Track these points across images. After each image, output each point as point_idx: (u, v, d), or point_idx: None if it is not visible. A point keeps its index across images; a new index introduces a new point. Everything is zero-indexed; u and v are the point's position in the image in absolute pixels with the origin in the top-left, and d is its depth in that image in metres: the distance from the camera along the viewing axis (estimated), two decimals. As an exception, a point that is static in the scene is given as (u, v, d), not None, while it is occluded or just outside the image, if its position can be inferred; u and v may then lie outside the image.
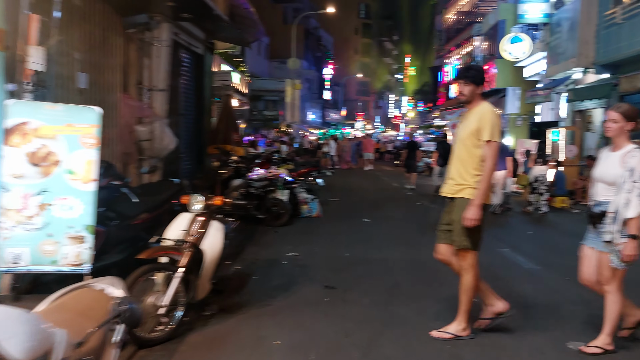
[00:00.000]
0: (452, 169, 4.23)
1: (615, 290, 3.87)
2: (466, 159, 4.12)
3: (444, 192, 4.29)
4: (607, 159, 3.89)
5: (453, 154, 4.25)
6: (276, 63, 44.43)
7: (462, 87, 4.16)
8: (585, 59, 15.60)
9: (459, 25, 30.00)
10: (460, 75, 4.26)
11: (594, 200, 3.92)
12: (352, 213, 10.88)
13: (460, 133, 4.22)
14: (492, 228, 9.39)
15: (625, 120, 3.80)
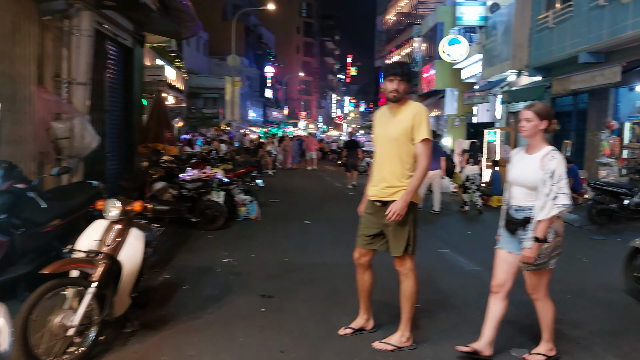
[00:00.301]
0: (384, 170, 3.95)
1: (543, 296, 3.77)
2: (400, 159, 3.90)
3: (374, 196, 4.01)
4: (522, 161, 3.68)
5: (380, 155, 3.99)
6: (216, 60, 43.56)
7: (397, 84, 3.88)
8: (519, 61, 16.04)
9: (399, 27, 30.34)
10: (394, 72, 3.92)
11: (514, 205, 3.70)
12: (293, 215, 10.56)
13: (388, 133, 3.93)
14: (432, 228, 9.37)
15: (539, 119, 3.61)
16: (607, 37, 11.78)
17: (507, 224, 3.75)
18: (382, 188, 3.93)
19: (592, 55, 12.72)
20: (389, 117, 3.98)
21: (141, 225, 4.18)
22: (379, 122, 4.06)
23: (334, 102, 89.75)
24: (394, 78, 3.88)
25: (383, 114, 4.08)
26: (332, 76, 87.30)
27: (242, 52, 44.00)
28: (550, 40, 14.38)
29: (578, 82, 11.76)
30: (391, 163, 3.90)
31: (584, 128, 13.85)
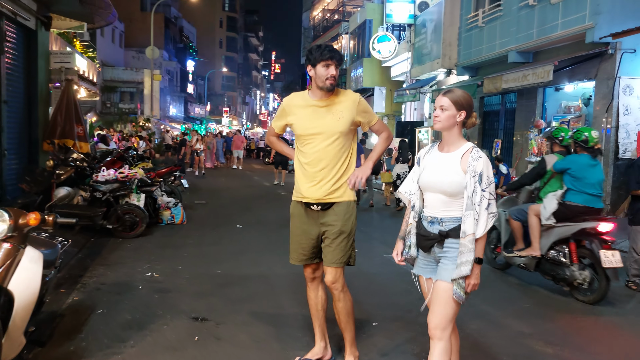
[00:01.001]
0: (323, 169, 3.31)
1: (449, 336, 2.77)
2: (341, 155, 3.34)
3: (316, 199, 3.34)
4: (437, 161, 2.86)
5: (315, 152, 3.33)
6: (133, 52, 41.36)
7: (335, 70, 3.26)
8: (449, 60, 16.09)
9: (326, 24, 29.98)
10: (332, 55, 3.25)
11: (427, 216, 2.87)
12: (223, 218, 9.73)
13: (327, 126, 3.30)
14: (369, 229, 8.90)
15: (456, 108, 2.80)
16: (537, 37, 11.91)
17: (418, 241, 2.91)
18: (324, 188, 3.31)
19: (521, 55, 12.88)
20: (317, 108, 3.33)
21: (40, 241, 3.30)
22: (302, 115, 3.36)
23: (258, 99, 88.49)
24: (332, 62, 3.25)
25: (303, 104, 3.37)
26: (256, 72, 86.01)
27: (161, 44, 41.98)
28: (480, 40, 14.46)
29: (510, 80, 11.81)
30: (332, 160, 3.31)
31: (512, 127, 14.05)
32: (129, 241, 7.20)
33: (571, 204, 5.38)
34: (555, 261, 5.47)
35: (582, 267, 5.27)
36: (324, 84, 3.26)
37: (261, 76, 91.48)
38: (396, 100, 19.20)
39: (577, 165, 5.41)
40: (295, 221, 3.52)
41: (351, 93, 3.40)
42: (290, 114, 3.41)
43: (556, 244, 5.51)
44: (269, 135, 3.80)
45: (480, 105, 15.48)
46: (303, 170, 3.37)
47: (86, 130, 9.43)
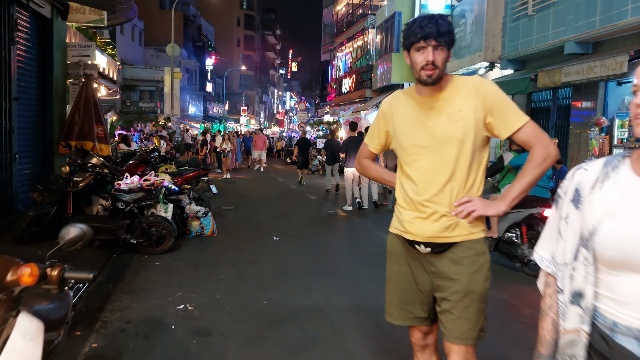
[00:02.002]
0: (433, 192, 2.22)
1: None
2: (462, 172, 2.22)
3: (419, 235, 2.25)
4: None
5: (420, 167, 2.26)
6: (152, 51, 40.86)
7: (433, 53, 2.16)
8: (492, 53, 14.91)
9: (350, 18, 28.87)
10: (427, 32, 2.15)
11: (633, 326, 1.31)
12: (255, 227, 8.73)
13: (438, 132, 2.21)
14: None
15: None
16: (600, 25, 10.71)
17: None
18: (438, 223, 2.21)
19: (580, 46, 11.68)
20: (424, 108, 2.26)
21: (41, 297, 2.31)
22: (405, 119, 2.33)
23: (275, 98, 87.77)
24: (426, 44, 2.18)
25: (406, 105, 2.34)
26: (274, 71, 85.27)
27: (180, 43, 41.28)
28: (529, 30, 13.27)
29: (571, 73, 10.61)
30: (449, 181, 2.21)
31: (566, 125, 12.83)
32: (156, 258, 6.24)
33: None
34: (510, 242, 6.37)
35: (531, 246, 6.05)
36: (419, 76, 2.22)
37: (278, 75, 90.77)
38: (431, 97, 18.04)
39: None
40: (394, 263, 2.44)
41: (476, 82, 2.27)
42: (392, 120, 2.37)
43: (511, 227, 6.38)
44: (361, 157, 2.62)
45: (527, 101, 14.26)
46: (405, 195, 2.30)
47: (107, 131, 8.50)
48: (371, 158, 2.59)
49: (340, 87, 29.28)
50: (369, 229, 8.99)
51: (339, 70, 31.34)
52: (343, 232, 8.70)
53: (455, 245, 2.23)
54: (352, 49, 28.73)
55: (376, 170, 2.63)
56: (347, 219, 10.09)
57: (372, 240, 7.97)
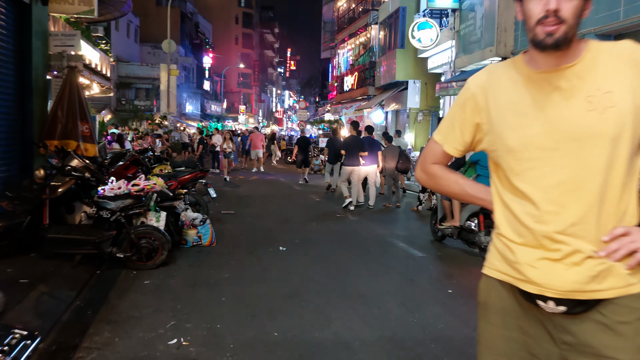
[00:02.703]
0: (578, 225, 1.41)
1: None
2: (615, 190, 1.42)
3: (550, 288, 1.43)
4: None
5: (548, 188, 1.45)
6: (149, 48, 40.11)
7: (557, 0, 1.38)
8: (504, 47, 14.13)
9: (352, 14, 28.07)
10: None
11: None
12: (259, 235, 7.94)
13: (573, 127, 1.42)
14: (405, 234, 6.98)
15: None
16: (624, 17, 9.96)
17: None
18: (583, 267, 1.42)
19: (601, 39, 10.92)
20: (541, 89, 1.47)
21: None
22: (512, 105, 1.51)
23: (274, 96, 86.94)
24: None
25: (514, 83, 1.53)
26: (272, 69, 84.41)
27: (177, 40, 40.50)
28: (545, 23, 12.50)
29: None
30: (592, 199, 1.42)
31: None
32: (147, 275, 5.44)
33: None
34: (470, 230, 6.87)
35: (488, 233, 6.48)
36: (533, 35, 1.43)
37: (277, 73, 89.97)
38: (439, 94, 17.26)
39: (485, 156, 6.22)
40: (495, 323, 1.60)
41: (630, 48, 1.46)
42: (488, 106, 1.55)
43: (470, 216, 6.89)
44: (427, 163, 1.75)
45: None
46: (517, 222, 1.50)
47: (94, 129, 7.70)
48: (444, 163, 1.73)
49: (341, 84, 28.50)
50: (381, 236, 8.21)
51: (340, 67, 30.56)
52: (355, 239, 7.91)
53: (606, 302, 1.43)
54: (354, 46, 27.95)
55: (456, 181, 1.71)
56: (356, 224, 9.31)
57: (390, 251, 7.19)
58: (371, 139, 11.64)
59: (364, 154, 11.01)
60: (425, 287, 5.44)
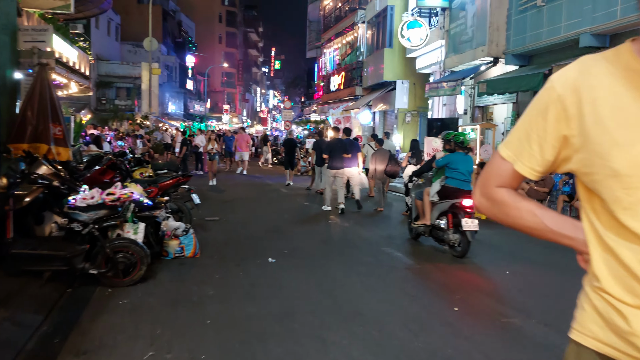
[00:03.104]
0: None
1: None
2: None
3: None
4: None
5: None
6: (130, 46, 39.31)
7: None
8: (496, 47, 13.86)
9: (338, 13, 27.67)
10: None
11: None
12: (246, 244, 7.48)
13: None
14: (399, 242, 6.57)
15: None
16: (622, 15, 9.70)
17: None
18: None
19: (597, 38, 10.68)
20: None
21: None
22: (612, 113, 1.11)
23: (258, 96, 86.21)
24: None
25: (612, 81, 1.12)
26: (256, 69, 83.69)
27: (159, 38, 39.78)
28: (538, 22, 12.23)
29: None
30: None
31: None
32: (123, 293, 4.96)
33: (448, 186, 7.18)
34: (439, 228, 7.21)
35: (455, 231, 6.94)
36: None
37: (261, 73, 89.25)
38: (428, 94, 16.96)
39: (453, 159, 7.22)
40: None
41: None
42: (583, 113, 1.14)
43: (440, 215, 7.21)
44: (490, 186, 1.33)
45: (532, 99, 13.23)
46: (628, 274, 1.10)
47: (67, 131, 7.17)
48: (513, 187, 1.30)
49: (328, 84, 28.10)
50: (375, 244, 7.82)
51: (326, 67, 30.15)
52: (347, 248, 7.49)
53: None
54: (341, 45, 27.56)
55: (531, 212, 1.27)
56: (348, 231, 8.90)
57: (385, 261, 6.78)
58: (351, 141, 11.61)
59: (348, 156, 10.86)
60: (427, 304, 5.03)
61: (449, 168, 7.17)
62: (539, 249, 7.35)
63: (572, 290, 1.70)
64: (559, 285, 5.86)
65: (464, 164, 7.18)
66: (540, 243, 8.66)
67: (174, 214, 7.50)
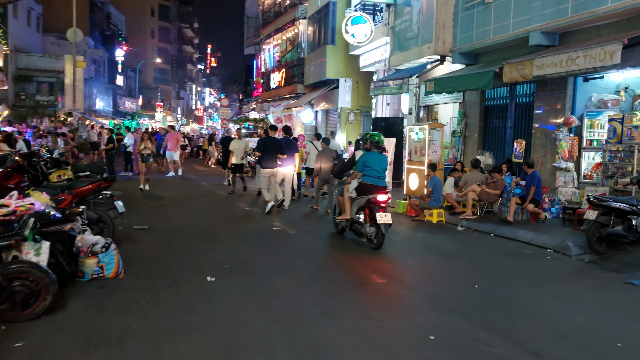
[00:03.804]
0: None
1: None
2: None
3: None
4: None
5: None
6: (53, 38, 36.69)
7: None
8: (443, 45, 13.50)
9: (278, 8, 26.77)
10: None
11: None
12: (179, 259, 6.49)
13: None
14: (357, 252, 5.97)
15: None
16: (573, 12, 9.50)
17: None
18: None
19: (546, 36, 10.46)
20: None
21: None
22: None
23: (194, 94, 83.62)
24: None
25: None
26: (192, 66, 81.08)
27: (86, 30, 37.31)
28: (485, 19, 11.94)
29: (546, 66, 9.27)
30: None
31: (528, 125, 11.63)
32: (21, 330, 3.92)
33: (365, 183, 7.63)
34: (358, 222, 7.63)
35: (371, 225, 7.39)
36: None
37: (197, 70, 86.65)
38: (373, 93, 16.43)
39: (370, 158, 7.70)
40: None
41: None
42: None
43: (358, 210, 7.66)
44: None
45: (480, 99, 12.99)
46: None
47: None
48: None
49: (268, 82, 27.12)
50: (330, 256, 7.10)
51: (265, 64, 29.17)
52: (298, 262, 6.69)
53: None
54: (281, 41, 26.68)
55: None
56: (297, 240, 8.11)
57: (343, 277, 6.04)
58: (288, 140, 11.39)
59: (283, 156, 10.63)
60: (400, 332, 4.32)
61: (365, 166, 7.67)
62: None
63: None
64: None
65: (378, 162, 7.74)
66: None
67: (93, 224, 6.43)
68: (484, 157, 12.44)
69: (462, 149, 13.68)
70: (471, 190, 10.42)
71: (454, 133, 14.04)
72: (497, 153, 12.57)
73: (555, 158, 10.40)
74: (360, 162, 7.76)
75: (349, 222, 7.82)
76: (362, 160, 7.73)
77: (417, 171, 12.29)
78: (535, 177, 9.78)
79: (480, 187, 10.42)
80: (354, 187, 7.72)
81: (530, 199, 9.70)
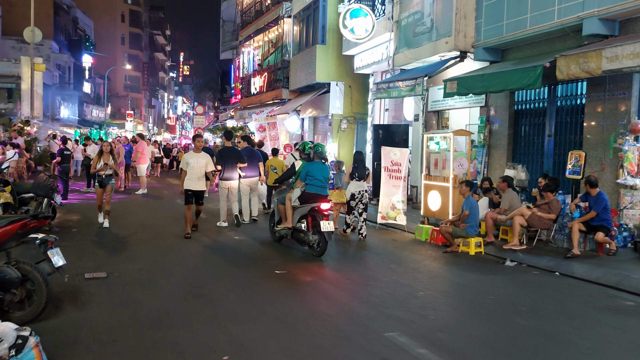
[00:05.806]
0: None
1: None
2: None
3: None
4: None
5: None
6: (13, 42, 33.81)
7: None
8: (464, 38, 11.49)
9: (259, 7, 24.57)
10: None
11: None
12: (148, 335, 4.18)
13: None
14: None
15: None
16: None
17: None
18: None
19: (605, 25, 8.55)
20: None
21: None
22: None
23: (166, 102, 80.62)
24: None
25: None
26: (164, 74, 78.16)
27: (50, 34, 34.55)
28: (520, 6, 9.99)
29: (623, 57, 7.28)
30: None
31: (575, 133, 9.68)
32: None
33: (307, 192, 7.87)
34: (300, 230, 7.86)
35: (314, 232, 7.65)
36: None
37: (169, 78, 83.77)
38: (377, 96, 14.34)
39: (312, 167, 7.94)
40: None
41: None
42: None
43: (301, 219, 7.87)
44: None
45: (509, 102, 11.01)
46: None
47: None
48: None
49: (248, 87, 24.84)
50: (341, 302, 4.89)
51: (245, 68, 26.87)
52: (332, 342, 4.50)
53: None
54: (262, 43, 24.45)
55: None
56: (316, 294, 5.88)
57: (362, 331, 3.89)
58: (251, 149, 11.07)
59: (243, 165, 10.24)
60: None
61: (308, 175, 7.84)
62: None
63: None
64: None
65: (321, 172, 7.93)
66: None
67: (15, 288, 4.09)
68: (515, 172, 10.38)
69: (486, 161, 11.67)
70: (519, 214, 8.37)
71: (473, 142, 12.01)
72: (532, 166, 10.58)
73: (618, 174, 8.44)
74: (303, 171, 7.92)
75: (290, 230, 7.96)
76: (305, 169, 7.90)
77: (438, 188, 10.22)
78: (603, 200, 7.78)
79: (530, 210, 8.38)
80: (297, 196, 7.86)
81: (598, 225, 7.71)
